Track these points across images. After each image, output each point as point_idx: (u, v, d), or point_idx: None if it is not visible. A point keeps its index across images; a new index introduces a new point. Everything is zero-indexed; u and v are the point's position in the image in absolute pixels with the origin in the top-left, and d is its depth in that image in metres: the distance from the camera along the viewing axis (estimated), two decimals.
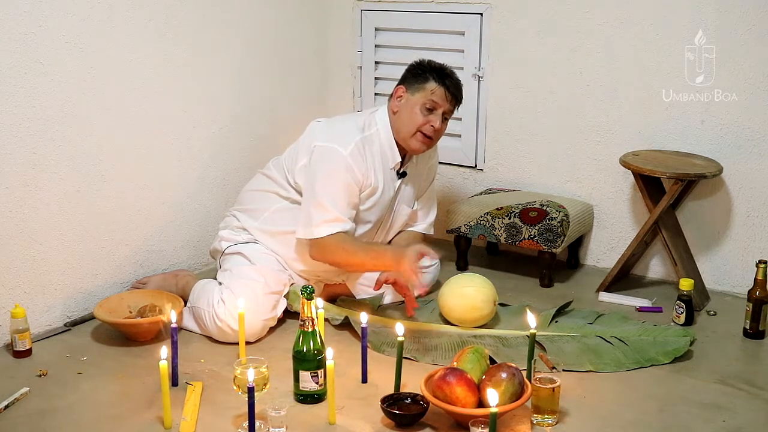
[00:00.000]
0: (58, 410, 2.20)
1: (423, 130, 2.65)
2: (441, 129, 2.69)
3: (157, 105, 2.97)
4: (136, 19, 2.84)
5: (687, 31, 2.98)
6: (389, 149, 2.71)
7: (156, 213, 3.03)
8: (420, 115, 2.64)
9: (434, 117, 2.65)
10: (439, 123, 2.65)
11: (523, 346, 2.48)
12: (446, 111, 2.67)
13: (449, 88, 2.65)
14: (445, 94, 2.64)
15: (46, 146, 2.61)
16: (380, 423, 2.14)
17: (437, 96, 2.64)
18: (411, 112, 2.65)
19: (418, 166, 2.88)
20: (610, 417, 2.18)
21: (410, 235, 2.95)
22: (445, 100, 2.65)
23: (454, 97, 2.68)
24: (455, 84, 2.69)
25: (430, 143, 2.70)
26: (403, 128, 2.67)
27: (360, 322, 2.41)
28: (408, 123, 2.66)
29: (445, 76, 2.67)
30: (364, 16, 3.72)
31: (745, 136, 2.96)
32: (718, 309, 2.91)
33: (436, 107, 2.64)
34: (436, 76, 2.66)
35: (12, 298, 2.56)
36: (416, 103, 2.65)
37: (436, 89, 2.64)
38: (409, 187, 2.86)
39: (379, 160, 2.70)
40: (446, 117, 2.69)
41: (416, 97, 2.65)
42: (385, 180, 2.72)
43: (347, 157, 2.60)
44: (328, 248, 2.62)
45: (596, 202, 3.31)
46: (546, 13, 3.27)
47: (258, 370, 2.06)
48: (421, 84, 2.66)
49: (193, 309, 2.68)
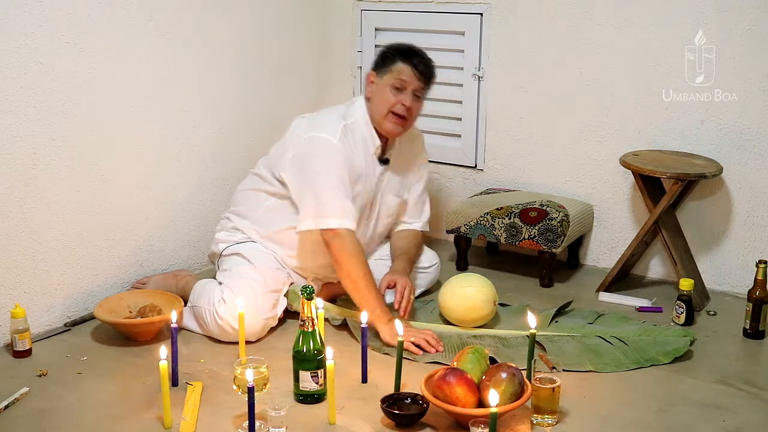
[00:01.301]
0: (58, 410, 2.20)
1: (394, 110, 2.67)
2: (414, 108, 2.71)
3: (157, 105, 2.97)
4: (136, 19, 2.84)
5: (687, 31, 2.98)
6: (368, 134, 2.72)
7: (156, 213, 3.03)
8: (391, 96, 2.67)
9: (404, 96, 2.67)
10: (409, 101, 2.67)
11: (523, 346, 2.48)
12: (416, 89, 2.69)
13: (416, 66, 2.68)
14: (413, 72, 2.67)
15: (46, 146, 2.61)
16: (380, 423, 2.14)
17: (405, 75, 2.67)
18: (382, 94, 2.68)
19: (402, 156, 2.87)
20: (610, 417, 2.18)
21: (410, 234, 2.95)
22: (414, 78, 2.68)
23: (422, 74, 2.70)
24: (423, 62, 2.72)
25: (404, 123, 2.71)
26: (377, 111, 2.70)
27: (360, 323, 2.40)
28: (380, 105, 2.68)
29: (412, 55, 2.71)
30: (364, 16, 3.72)
31: (745, 136, 2.96)
32: (718, 309, 2.91)
33: (405, 86, 2.67)
34: (402, 57, 2.69)
35: (12, 298, 2.56)
36: (386, 85, 2.68)
37: (404, 69, 2.67)
38: (394, 177, 2.85)
39: (361, 147, 2.71)
40: (418, 95, 2.71)
41: (385, 79, 2.69)
42: (368, 166, 2.73)
43: (338, 144, 2.63)
44: (344, 245, 2.56)
45: (596, 202, 3.31)
46: (546, 13, 3.27)
47: (258, 370, 2.06)
48: (388, 66, 2.69)
49: (194, 308, 2.68)
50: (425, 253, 3.00)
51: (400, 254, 2.85)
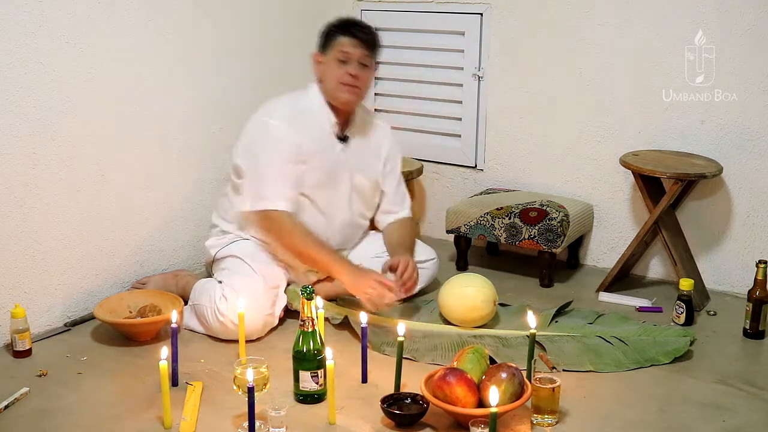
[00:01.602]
0: (58, 410, 2.20)
1: (343, 80, 2.70)
2: (362, 76, 2.73)
3: (157, 105, 2.97)
4: (136, 19, 2.84)
5: (687, 31, 2.98)
6: (323, 113, 2.76)
7: (156, 213, 3.03)
8: (337, 69, 2.71)
9: (350, 66, 2.70)
10: (355, 69, 2.70)
11: (523, 346, 2.48)
12: (360, 57, 2.72)
13: (356, 36, 2.71)
14: (354, 41, 2.70)
15: (46, 146, 2.61)
16: (380, 423, 2.14)
17: (347, 47, 2.70)
18: (329, 70, 2.73)
19: (365, 139, 2.88)
20: (610, 417, 2.18)
21: (400, 225, 2.96)
22: (356, 47, 2.71)
23: (364, 42, 2.73)
24: (362, 30, 2.75)
25: (356, 91, 2.73)
26: (328, 87, 2.74)
27: (360, 322, 2.41)
28: (330, 80, 2.73)
29: (350, 26, 2.75)
30: (364, 16, 3.72)
31: (745, 136, 2.96)
32: (718, 309, 2.91)
33: (349, 57, 2.70)
34: (342, 30, 2.73)
35: (12, 298, 2.56)
36: (331, 61, 2.73)
37: (344, 41, 2.71)
38: (358, 157, 2.85)
39: (316, 126, 2.75)
40: (364, 63, 2.73)
41: (330, 55, 2.73)
42: (324, 145, 2.76)
43: (278, 126, 2.68)
44: (274, 224, 2.67)
45: (596, 202, 3.31)
46: (546, 13, 3.27)
47: (258, 370, 2.06)
48: (331, 42, 2.74)
49: (195, 307, 2.68)
50: (422, 247, 3.00)
51: (398, 246, 2.88)
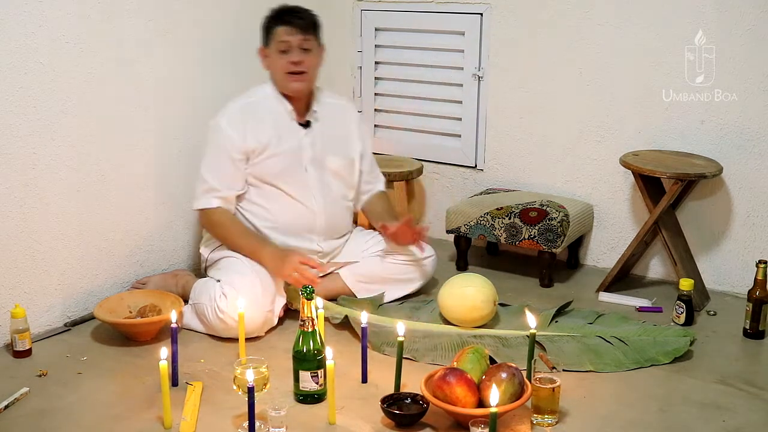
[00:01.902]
0: (58, 410, 2.20)
1: (287, 69, 2.75)
2: (306, 61, 2.77)
3: (158, 105, 2.97)
4: (136, 19, 2.84)
5: (687, 31, 2.98)
6: (278, 104, 2.82)
7: (156, 213, 3.03)
8: (281, 60, 2.76)
9: (291, 55, 2.75)
10: (297, 56, 2.74)
11: (523, 346, 2.48)
12: (300, 43, 2.76)
13: (290, 23, 2.75)
14: (288, 29, 2.75)
15: (46, 146, 2.61)
16: (380, 423, 2.14)
17: (284, 36, 2.75)
18: (274, 63, 2.79)
19: (330, 121, 2.91)
20: (610, 417, 2.18)
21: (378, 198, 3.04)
22: (293, 34, 2.75)
23: (299, 27, 2.76)
24: (297, 15, 2.79)
25: (303, 77, 2.77)
26: (277, 79, 2.80)
27: (360, 322, 2.41)
28: (277, 72, 2.79)
29: (283, 14, 2.79)
30: (364, 16, 3.72)
31: (745, 136, 2.96)
32: (718, 309, 2.91)
33: (289, 46, 2.75)
34: (276, 21, 2.78)
35: (12, 298, 2.56)
36: (274, 52, 2.78)
37: (280, 30, 2.75)
38: (326, 139, 2.88)
39: (270, 118, 2.80)
40: (306, 48, 2.77)
41: (272, 48, 2.79)
42: (284, 132, 2.80)
43: (225, 126, 2.75)
44: (208, 220, 2.78)
45: (596, 202, 3.31)
46: (546, 13, 3.27)
47: (258, 370, 2.06)
48: (269, 34, 2.79)
49: (195, 306, 2.69)
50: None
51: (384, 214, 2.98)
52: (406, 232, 2.85)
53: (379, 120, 3.82)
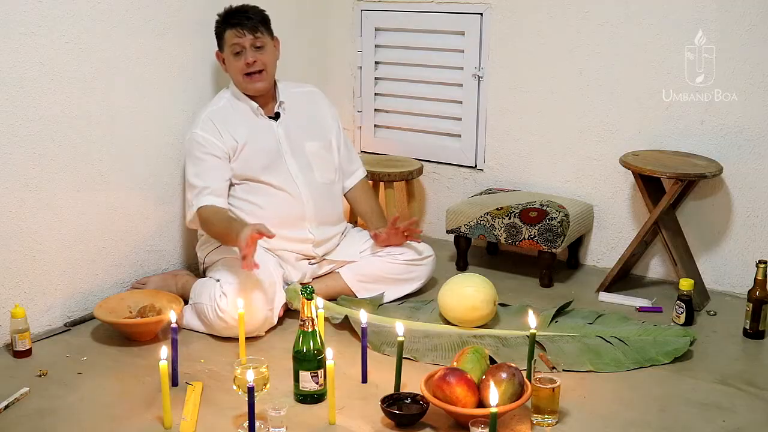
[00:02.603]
0: (58, 410, 2.20)
1: (244, 72, 2.81)
2: (260, 58, 2.82)
3: (158, 105, 2.97)
4: (136, 19, 2.84)
5: (687, 31, 2.98)
6: (243, 104, 2.87)
7: (156, 213, 3.02)
8: (236, 62, 2.81)
9: (246, 55, 2.80)
10: (251, 56, 2.79)
11: (523, 346, 2.48)
12: (252, 42, 2.80)
13: (237, 24, 2.80)
14: (237, 31, 2.80)
15: (46, 146, 2.61)
16: (380, 423, 2.14)
17: (233, 38, 2.80)
18: (231, 65, 2.85)
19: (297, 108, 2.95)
20: (610, 417, 2.18)
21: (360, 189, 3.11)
22: (242, 35, 2.80)
23: (247, 27, 2.80)
24: (243, 15, 2.82)
25: (259, 77, 2.83)
26: (236, 81, 2.86)
27: (360, 322, 2.41)
28: (235, 75, 2.85)
29: (230, 17, 2.84)
30: (364, 16, 3.72)
31: (745, 136, 2.96)
32: (718, 309, 2.91)
33: (241, 47, 2.80)
34: (224, 25, 2.84)
35: (12, 298, 2.56)
36: (229, 56, 2.84)
37: (229, 33, 2.81)
38: (302, 124, 2.94)
39: (240, 118, 2.84)
40: (258, 46, 2.82)
41: (226, 51, 2.85)
42: (256, 129, 2.85)
43: (201, 133, 2.78)
44: (201, 221, 2.76)
45: (596, 202, 3.31)
46: (546, 13, 3.27)
47: (258, 370, 2.06)
48: (222, 39, 2.86)
49: (195, 305, 2.69)
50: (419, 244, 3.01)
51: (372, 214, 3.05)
52: (395, 234, 2.90)
53: (379, 120, 3.82)
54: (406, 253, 2.95)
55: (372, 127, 3.82)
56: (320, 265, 2.94)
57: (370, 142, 3.84)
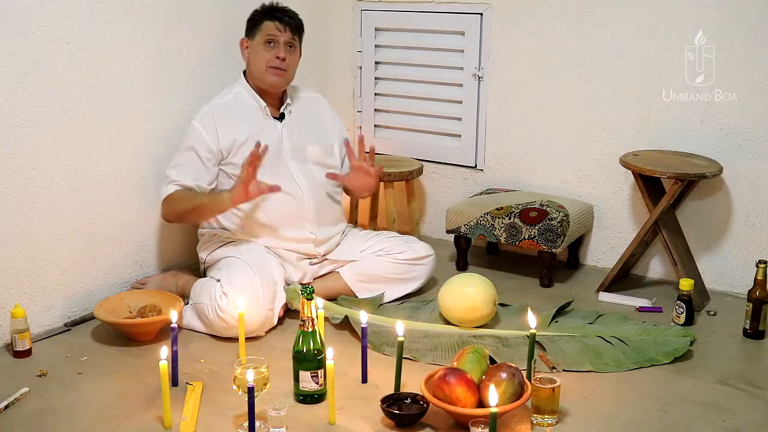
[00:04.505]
0: (58, 410, 2.20)
1: (271, 64, 2.83)
2: (289, 58, 2.86)
3: (158, 105, 2.97)
4: (136, 19, 2.84)
5: (687, 31, 2.98)
6: (251, 101, 2.88)
7: (156, 213, 3.01)
8: (265, 53, 2.83)
9: (277, 49, 2.83)
10: (283, 52, 2.83)
11: (523, 346, 2.48)
12: (287, 40, 2.85)
13: (281, 19, 2.85)
14: (279, 25, 2.84)
15: (46, 146, 2.61)
16: (380, 423, 2.14)
17: (273, 30, 2.83)
18: (257, 54, 2.85)
19: (303, 113, 2.97)
20: (610, 417, 2.18)
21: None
22: (282, 30, 2.84)
23: (288, 25, 2.86)
24: (287, 14, 2.89)
25: (284, 74, 2.86)
26: (257, 70, 2.86)
27: (360, 322, 2.41)
28: (258, 64, 2.85)
29: (274, 11, 2.88)
30: (364, 16, 3.72)
31: (745, 136, 2.96)
32: (718, 309, 2.91)
33: (276, 39, 2.83)
34: (266, 15, 2.87)
35: (12, 298, 2.56)
36: (259, 44, 2.85)
37: (270, 25, 2.84)
38: (306, 128, 2.95)
39: (244, 115, 2.86)
40: (291, 45, 2.87)
41: (257, 39, 2.86)
42: (260, 128, 2.84)
43: (197, 125, 2.80)
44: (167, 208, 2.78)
45: (596, 202, 3.31)
46: (546, 13, 3.27)
47: (258, 370, 2.06)
48: (257, 28, 2.87)
49: (195, 305, 2.69)
50: (419, 244, 3.01)
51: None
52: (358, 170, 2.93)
53: (379, 120, 3.82)
54: (406, 253, 2.95)
55: (372, 127, 3.82)
56: (321, 265, 2.94)
57: (370, 142, 3.83)
